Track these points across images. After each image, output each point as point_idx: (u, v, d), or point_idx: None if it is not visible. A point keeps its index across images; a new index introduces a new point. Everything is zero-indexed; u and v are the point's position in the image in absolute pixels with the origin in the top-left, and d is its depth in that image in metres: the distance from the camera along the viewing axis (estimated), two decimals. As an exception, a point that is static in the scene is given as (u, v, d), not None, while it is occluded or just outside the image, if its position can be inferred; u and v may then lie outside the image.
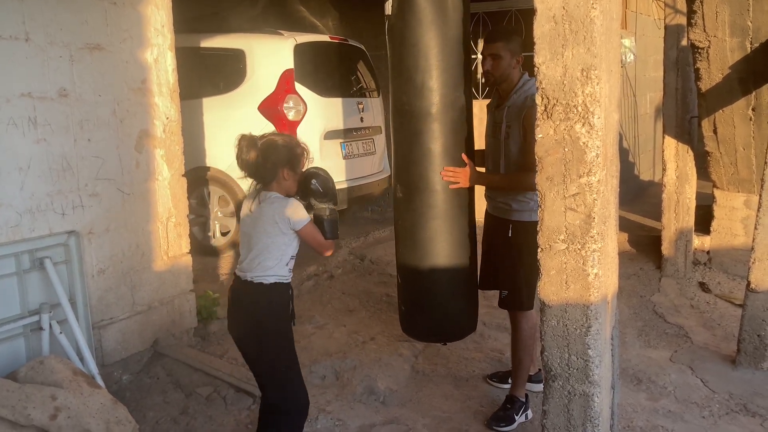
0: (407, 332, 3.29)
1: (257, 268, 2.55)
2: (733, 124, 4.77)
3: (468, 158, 2.97)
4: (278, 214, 2.52)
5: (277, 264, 2.55)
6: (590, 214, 2.15)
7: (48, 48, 3.11)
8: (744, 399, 3.35)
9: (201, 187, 5.36)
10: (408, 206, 2.99)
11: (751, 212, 5.06)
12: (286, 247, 2.57)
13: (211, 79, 5.43)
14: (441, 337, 3.24)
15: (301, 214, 2.54)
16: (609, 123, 2.24)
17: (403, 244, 3.07)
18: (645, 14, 8.53)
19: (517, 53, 3.06)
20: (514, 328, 3.22)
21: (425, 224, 2.96)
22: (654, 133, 9.23)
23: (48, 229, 3.14)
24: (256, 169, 2.56)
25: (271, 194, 2.57)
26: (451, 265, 3.00)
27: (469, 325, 3.21)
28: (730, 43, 4.28)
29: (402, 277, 3.16)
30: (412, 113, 2.89)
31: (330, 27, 8.17)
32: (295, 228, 2.54)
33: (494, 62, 3.04)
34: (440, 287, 3.05)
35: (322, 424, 3.14)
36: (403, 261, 3.10)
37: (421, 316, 3.14)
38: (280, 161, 2.56)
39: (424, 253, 2.99)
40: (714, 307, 4.69)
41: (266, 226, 2.54)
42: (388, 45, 2.96)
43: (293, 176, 2.60)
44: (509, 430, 3.09)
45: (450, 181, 2.92)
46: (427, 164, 2.91)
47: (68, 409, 2.54)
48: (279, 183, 2.58)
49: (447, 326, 3.13)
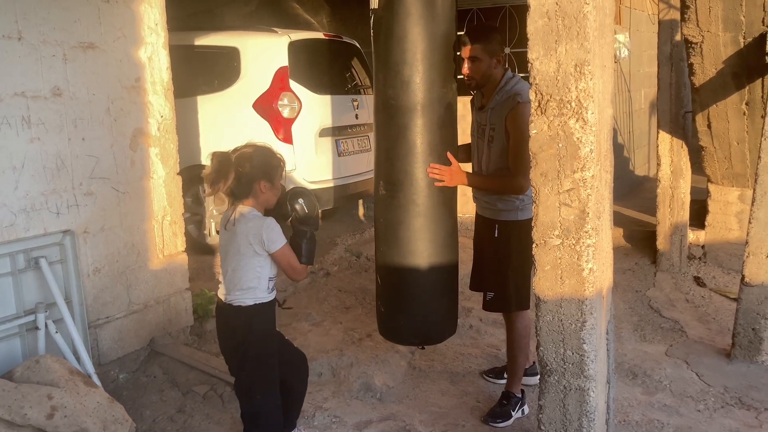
0: (386, 335, 3.16)
1: (234, 290, 2.49)
2: (726, 118, 4.78)
3: (453, 157, 2.90)
4: (253, 234, 2.43)
5: (256, 286, 2.48)
6: (584, 210, 2.15)
7: (41, 47, 3.10)
8: (739, 392, 3.37)
9: (196, 186, 5.34)
10: (391, 203, 2.90)
11: (745, 206, 5.08)
12: (261, 269, 2.48)
13: (205, 77, 5.42)
14: (422, 339, 3.10)
15: (276, 236, 2.45)
16: (603, 118, 2.25)
17: (385, 242, 2.96)
18: (639, 9, 8.54)
19: (497, 53, 2.97)
20: (508, 327, 3.22)
21: (409, 222, 2.87)
22: (649, 128, 9.25)
23: (43, 228, 3.14)
24: (230, 185, 2.43)
25: (248, 211, 2.47)
26: (434, 264, 2.92)
27: (451, 327, 3.13)
28: (724, 38, 4.30)
29: (382, 277, 3.05)
30: (398, 108, 2.81)
31: (324, 24, 8.16)
32: (269, 250, 2.45)
33: (473, 65, 2.97)
34: (424, 287, 2.96)
35: (319, 421, 3.15)
36: (384, 260, 2.99)
37: (402, 318, 3.02)
38: (256, 174, 2.45)
39: (407, 251, 2.89)
40: (709, 301, 4.71)
41: (240, 246, 2.45)
42: (374, 39, 2.88)
43: (271, 188, 2.50)
44: (506, 425, 3.10)
45: (435, 178, 2.85)
46: (413, 160, 2.83)
47: (65, 408, 2.54)
48: (256, 197, 2.49)
49: (429, 327, 3.04)
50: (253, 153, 2.48)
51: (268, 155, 2.51)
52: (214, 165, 2.44)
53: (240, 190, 2.47)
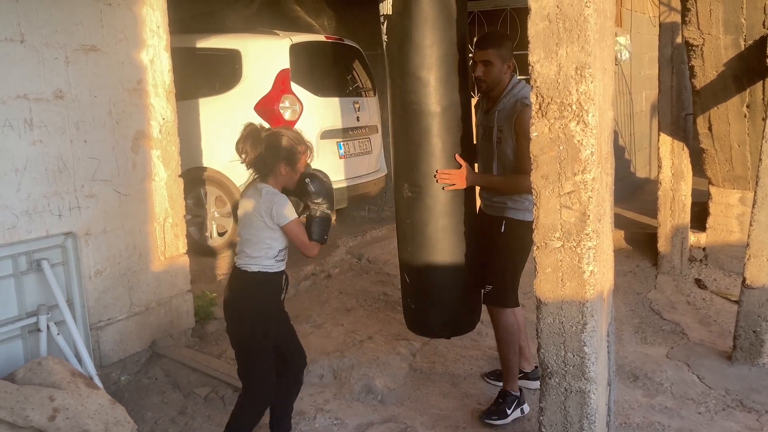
0: (417, 330, 3.30)
1: (243, 256, 2.64)
2: (727, 121, 4.79)
3: (462, 159, 2.97)
4: (264, 208, 2.57)
5: (263, 255, 2.61)
6: (585, 212, 2.16)
7: (43, 49, 3.11)
8: (740, 395, 3.37)
9: (198, 188, 5.35)
10: (418, 204, 3.02)
11: (746, 209, 5.07)
12: (272, 241, 2.61)
13: (207, 80, 5.42)
14: (453, 330, 3.27)
15: (287, 211, 2.58)
16: (603, 121, 2.25)
17: (413, 242, 3.08)
18: (640, 12, 8.55)
19: (508, 59, 3.06)
20: (493, 325, 3.26)
21: (435, 222, 3.00)
22: (650, 130, 9.25)
23: (45, 230, 3.14)
24: (255, 159, 2.60)
25: (265, 187, 2.61)
26: (461, 261, 3.05)
27: (477, 317, 3.29)
28: (724, 41, 4.30)
29: (411, 276, 3.16)
30: (420, 112, 2.91)
31: (325, 26, 8.16)
32: (279, 223, 2.58)
33: (486, 69, 3.05)
34: (455, 281, 3.09)
35: (320, 423, 3.15)
36: (412, 260, 3.11)
37: (435, 312, 3.16)
38: (279, 156, 2.60)
39: (436, 250, 3.03)
40: (710, 303, 4.71)
41: (253, 219, 2.59)
42: (389, 44, 2.99)
43: (290, 172, 2.64)
44: (502, 423, 3.11)
45: (445, 182, 2.94)
46: (437, 162, 2.95)
47: (67, 410, 2.55)
48: (276, 177, 2.63)
49: (462, 319, 3.20)
50: (281, 136, 2.63)
51: (294, 141, 2.65)
52: (243, 134, 2.61)
53: (263, 168, 2.63)
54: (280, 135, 2.64)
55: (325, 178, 2.71)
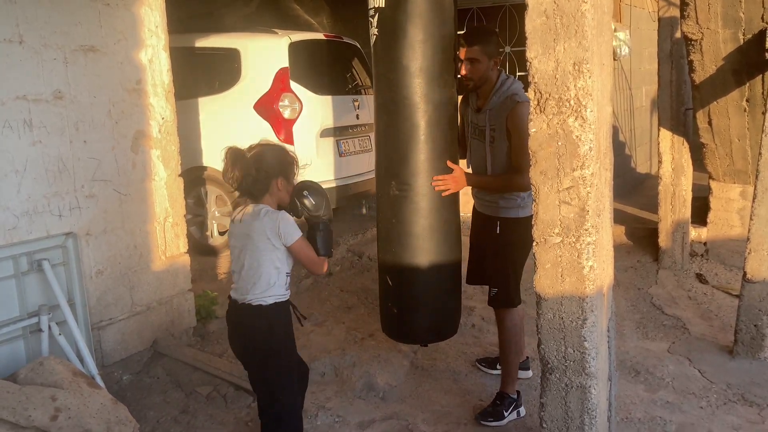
0: (399, 336, 3.18)
1: (254, 290, 2.45)
2: (727, 115, 4.78)
3: (453, 164, 2.93)
4: (270, 228, 2.42)
5: (275, 284, 2.46)
6: (584, 207, 2.16)
7: (42, 50, 3.11)
8: (741, 389, 3.37)
9: (198, 187, 5.37)
10: (406, 203, 2.91)
11: (747, 203, 5.07)
12: (281, 264, 2.47)
13: (206, 79, 5.43)
14: (437, 335, 3.15)
15: (292, 229, 2.44)
16: (602, 116, 2.25)
17: (399, 243, 2.96)
18: (639, 7, 8.54)
19: (494, 55, 3.00)
20: (499, 326, 3.23)
21: (424, 220, 2.91)
22: (650, 125, 9.24)
23: (45, 231, 3.15)
24: (247, 183, 2.44)
25: (262, 207, 2.46)
26: (447, 261, 2.98)
27: (459, 320, 3.22)
28: (723, 35, 4.29)
29: (393, 278, 3.03)
30: (412, 107, 2.83)
31: (324, 24, 8.17)
32: (286, 243, 2.44)
33: (472, 67, 2.98)
34: (442, 282, 3.00)
35: (322, 421, 3.15)
36: (397, 261, 2.98)
37: (418, 316, 3.04)
38: (274, 172, 2.46)
39: (423, 250, 2.92)
40: (711, 298, 4.71)
41: (258, 242, 2.43)
42: (379, 38, 2.88)
43: (286, 186, 2.51)
44: (498, 425, 3.09)
45: (440, 189, 2.89)
46: (427, 159, 2.87)
47: (68, 409, 2.55)
48: (271, 195, 2.49)
49: (444, 322, 3.09)
50: (270, 151, 2.50)
51: (284, 153, 2.53)
52: (229, 160, 2.44)
53: (257, 188, 2.46)
54: (268, 150, 2.49)
55: (319, 188, 2.58)
